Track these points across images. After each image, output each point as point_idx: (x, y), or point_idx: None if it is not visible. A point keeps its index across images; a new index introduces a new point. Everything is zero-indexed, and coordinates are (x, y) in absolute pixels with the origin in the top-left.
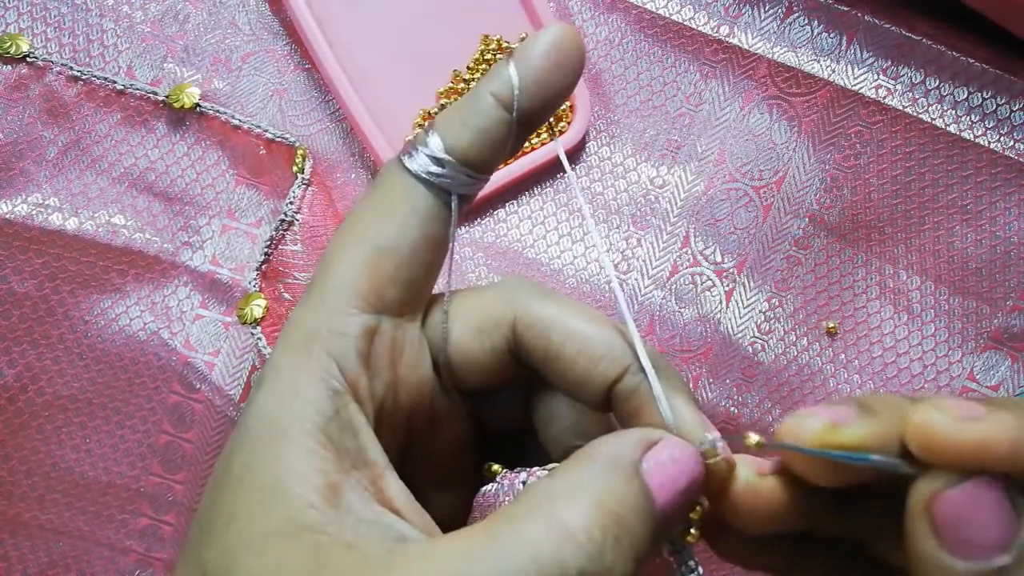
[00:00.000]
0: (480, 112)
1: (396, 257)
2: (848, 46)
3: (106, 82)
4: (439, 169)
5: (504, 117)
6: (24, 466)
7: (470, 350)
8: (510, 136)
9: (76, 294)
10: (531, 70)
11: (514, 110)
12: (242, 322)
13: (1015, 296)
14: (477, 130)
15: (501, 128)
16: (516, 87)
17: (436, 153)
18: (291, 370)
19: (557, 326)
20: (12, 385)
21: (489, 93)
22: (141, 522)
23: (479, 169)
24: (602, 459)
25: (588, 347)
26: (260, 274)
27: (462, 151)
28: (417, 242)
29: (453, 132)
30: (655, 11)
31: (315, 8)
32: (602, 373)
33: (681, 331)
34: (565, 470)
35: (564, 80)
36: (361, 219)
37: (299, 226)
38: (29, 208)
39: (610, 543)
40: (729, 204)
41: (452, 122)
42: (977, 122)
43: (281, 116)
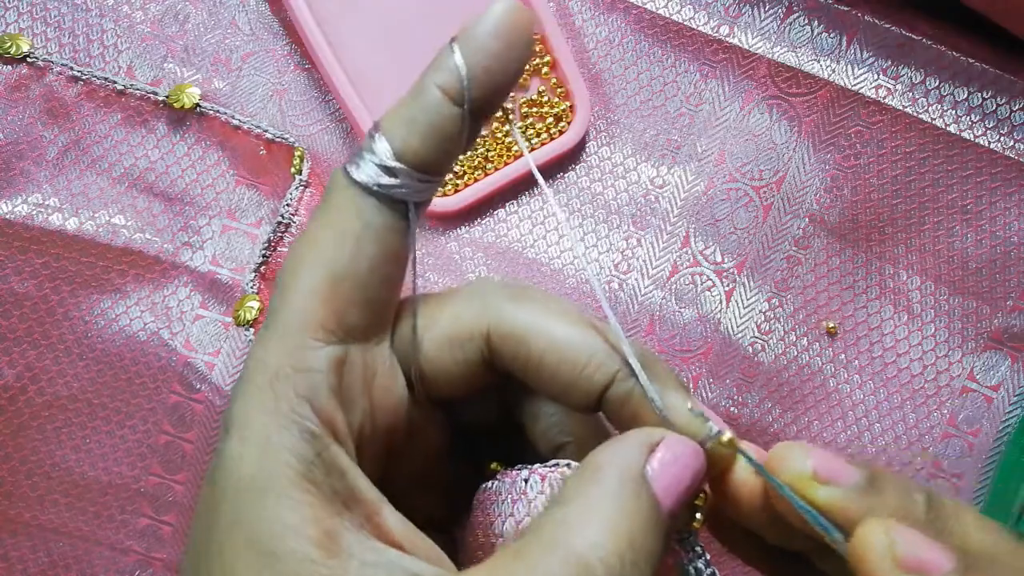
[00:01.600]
0: (428, 109)
1: (354, 280)
2: (848, 46)
3: (106, 82)
4: (390, 180)
5: (454, 112)
6: (24, 466)
7: (442, 363)
8: (463, 131)
9: (76, 294)
10: (478, 55)
11: (465, 102)
12: (237, 324)
13: (1015, 296)
14: (427, 130)
15: (452, 124)
16: (464, 77)
17: (385, 160)
18: (260, 416)
19: (535, 334)
20: (12, 385)
21: (435, 86)
22: (141, 522)
23: (433, 172)
24: (608, 477)
25: (570, 354)
26: (259, 276)
27: (413, 155)
28: (374, 261)
29: (401, 134)
30: (655, 11)
31: (315, 8)
32: (589, 380)
33: (681, 331)
34: (572, 494)
35: (515, 62)
36: (312, 242)
37: (296, 228)
38: (29, 208)
39: (628, 569)
40: (729, 204)
41: (398, 122)
42: (977, 122)
43: (281, 116)
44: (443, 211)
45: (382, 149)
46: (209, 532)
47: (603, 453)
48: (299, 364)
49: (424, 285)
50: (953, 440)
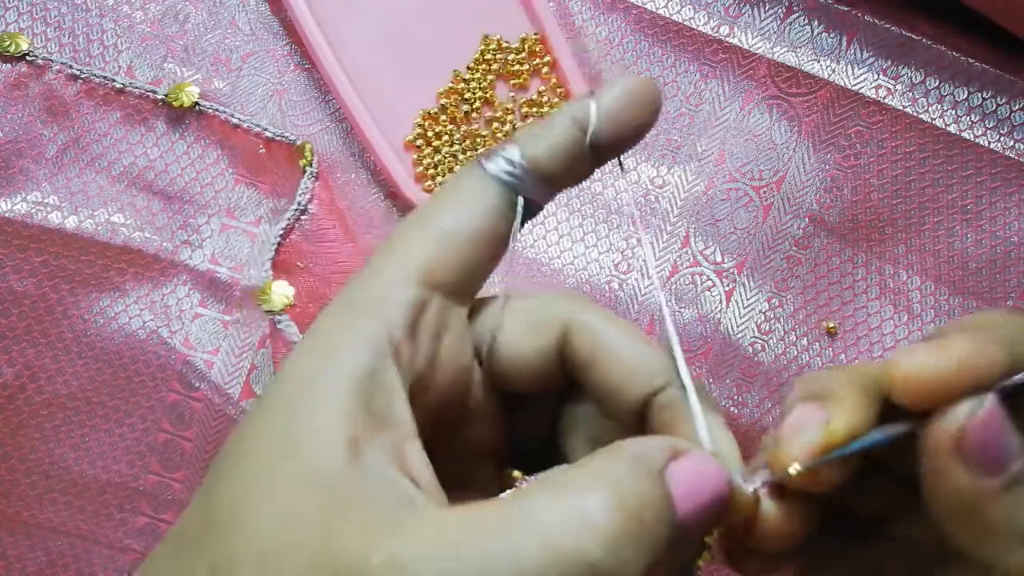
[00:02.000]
0: (556, 129)
1: (457, 241)
2: (848, 46)
3: (105, 80)
4: (512, 170)
5: (578, 138)
6: (23, 465)
7: (520, 346)
8: (582, 156)
9: (75, 293)
10: (608, 104)
11: (588, 133)
12: (268, 312)
13: (1015, 296)
14: (551, 143)
15: (574, 146)
16: (593, 116)
17: (512, 157)
18: (336, 327)
19: (605, 333)
20: (11, 384)
21: (568, 115)
22: (140, 520)
23: (550, 180)
24: (628, 457)
25: (631, 357)
26: (272, 263)
27: (535, 159)
28: (479, 232)
29: (530, 142)
30: (655, 11)
31: (315, 8)
32: (640, 383)
33: (681, 331)
34: (588, 462)
35: (638, 120)
36: (430, 206)
37: (309, 216)
38: (28, 206)
39: (629, 539)
40: (729, 204)
41: (530, 134)
42: (977, 122)
43: (281, 116)
44: None
45: (511, 149)
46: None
47: (627, 442)
48: (386, 294)
49: None
50: None
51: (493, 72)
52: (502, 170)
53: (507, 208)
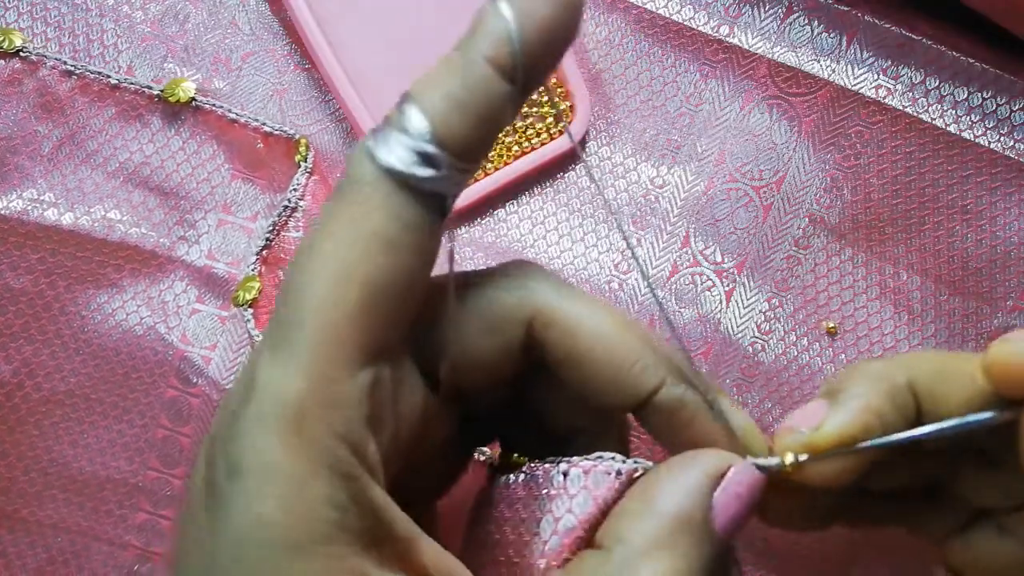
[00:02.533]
0: (475, 85)
1: (395, 294)
2: (848, 46)
3: (100, 76)
4: (428, 170)
5: (505, 90)
6: (22, 462)
7: (478, 350)
8: (510, 110)
9: (72, 289)
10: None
11: (518, 78)
12: (235, 304)
13: (1015, 296)
14: (473, 110)
15: (502, 103)
16: (516, 44)
17: (422, 145)
18: (285, 460)
19: (584, 327)
20: (9, 381)
21: (484, 59)
22: (140, 517)
23: (474, 159)
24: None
25: (621, 351)
26: (260, 259)
27: (455, 138)
28: (412, 265)
29: (441, 112)
30: (655, 11)
31: (315, 8)
32: (635, 381)
33: (681, 331)
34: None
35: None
36: (336, 245)
37: (302, 213)
38: (24, 203)
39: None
40: (729, 204)
41: (437, 98)
42: (977, 122)
43: (281, 116)
44: None
45: (417, 128)
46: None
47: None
48: (332, 398)
49: None
50: None
51: None
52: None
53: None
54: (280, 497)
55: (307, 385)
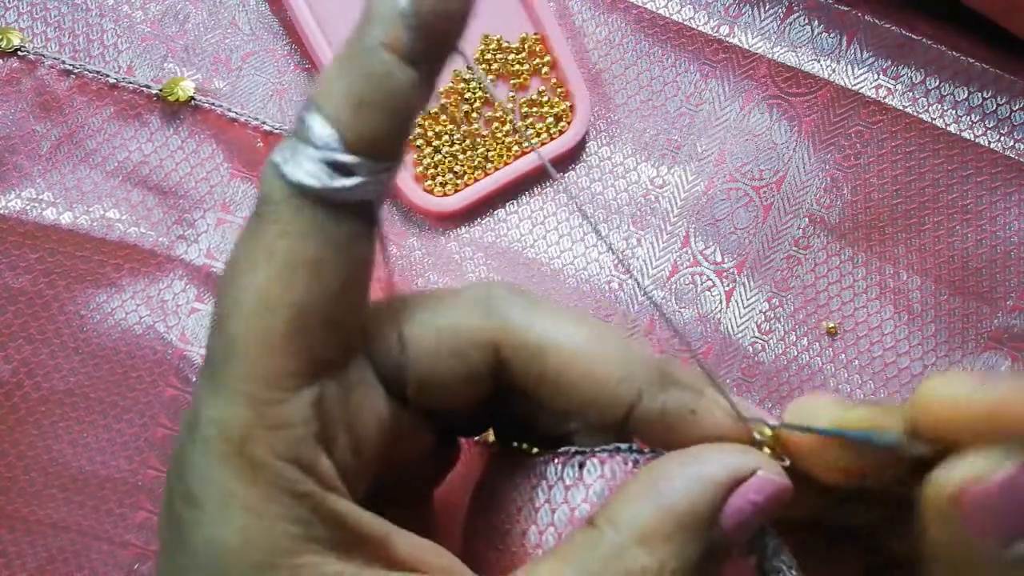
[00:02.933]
0: (375, 76)
1: (323, 314)
2: (848, 46)
3: (99, 75)
4: (346, 180)
5: (408, 76)
6: (21, 462)
7: (440, 375)
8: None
9: (71, 289)
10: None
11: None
12: None
13: (1015, 296)
14: (379, 104)
15: (408, 89)
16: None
17: (333, 155)
18: (238, 487)
19: (554, 347)
20: (8, 381)
21: (381, 45)
22: (139, 516)
23: (392, 155)
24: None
25: (592, 372)
26: None
27: (367, 141)
28: (344, 285)
29: (346, 116)
30: (655, 11)
31: (315, 8)
32: (611, 400)
33: (681, 331)
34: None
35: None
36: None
37: None
38: (23, 203)
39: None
40: (729, 204)
41: (340, 101)
42: (977, 122)
43: (281, 116)
44: (443, 211)
45: (324, 138)
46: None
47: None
48: (272, 422)
49: (424, 285)
50: None
51: (493, 72)
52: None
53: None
54: (236, 522)
55: (245, 411)
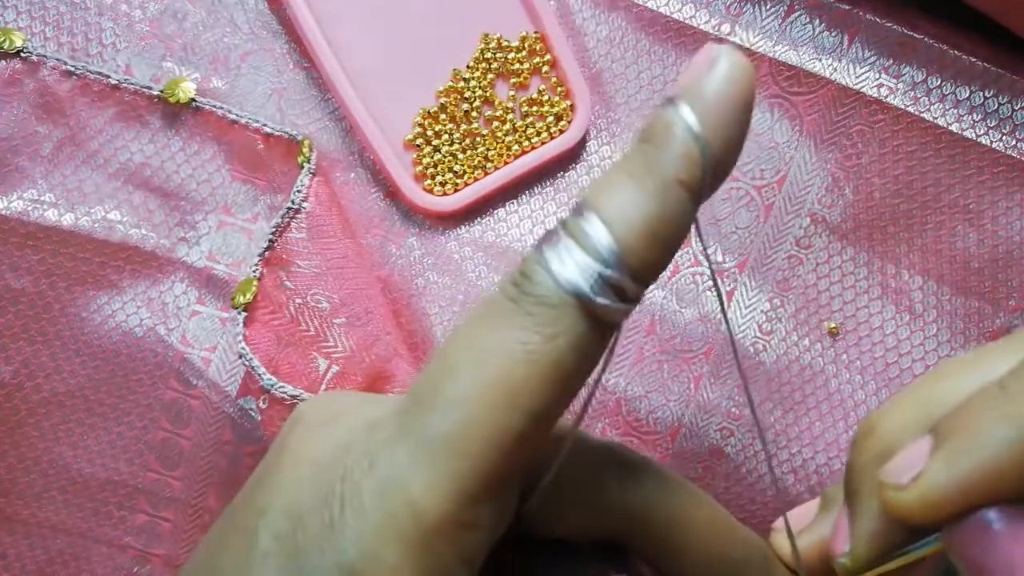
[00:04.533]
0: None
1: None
2: (850, 45)
3: (100, 77)
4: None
5: (691, 210)
6: (21, 463)
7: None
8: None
9: (72, 290)
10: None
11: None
12: (233, 306)
13: (1017, 296)
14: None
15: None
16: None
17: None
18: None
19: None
20: (8, 382)
21: (679, 182)
22: (139, 518)
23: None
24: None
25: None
26: (262, 261)
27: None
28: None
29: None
30: (656, 10)
31: (314, 7)
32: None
33: (682, 331)
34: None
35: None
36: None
37: (305, 215)
38: (25, 204)
39: None
40: (730, 203)
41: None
42: (979, 121)
43: (280, 115)
44: (442, 210)
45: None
46: None
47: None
48: (468, 521)
49: (424, 284)
50: None
51: (493, 71)
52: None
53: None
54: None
55: (456, 504)
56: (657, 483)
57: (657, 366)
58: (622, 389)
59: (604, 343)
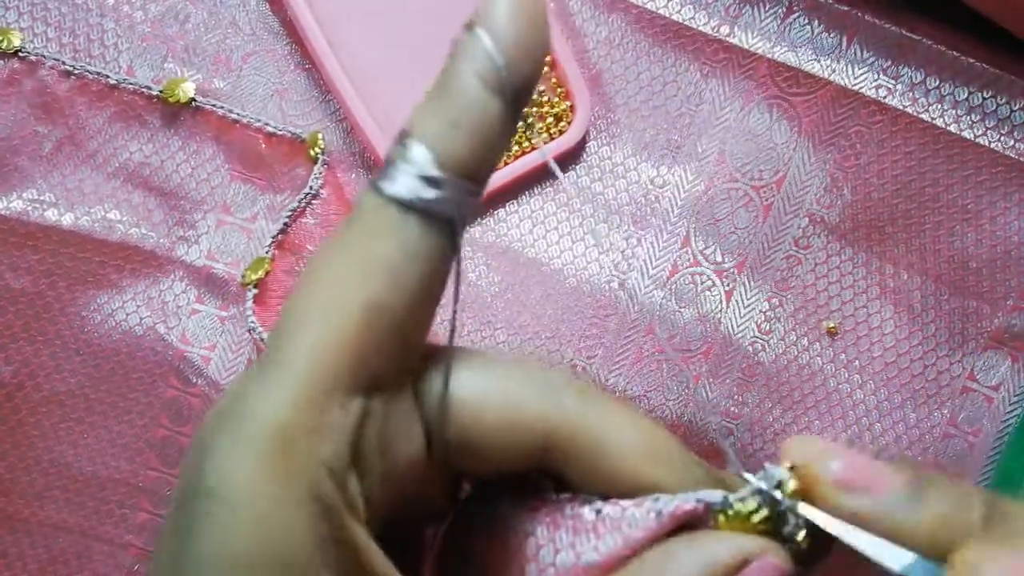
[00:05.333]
0: (469, 104)
1: (392, 319)
2: (848, 46)
3: (99, 76)
4: (434, 192)
5: (497, 106)
6: (22, 463)
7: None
8: (508, 127)
9: (72, 290)
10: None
11: (508, 92)
12: (242, 283)
13: (1015, 296)
14: (471, 129)
15: (497, 120)
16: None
17: (426, 170)
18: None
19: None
20: (9, 382)
21: (474, 75)
22: (140, 517)
23: (479, 179)
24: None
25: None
26: (275, 243)
27: (458, 161)
28: (416, 294)
29: (440, 138)
30: (655, 11)
31: (315, 8)
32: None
33: (681, 331)
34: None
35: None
36: (337, 270)
37: (320, 202)
38: (24, 204)
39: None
40: (729, 204)
41: (435, 124)
42: (977, 122)
43: (282, 116)
44: None
45: (420, 156)
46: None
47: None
48: (318, 422)
49: None
50: (953, 440)
51: None
52: (417, 195)
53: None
54: (254, 521)
55: (296, 410)
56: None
57: (656, 365)
58: (621, 388)
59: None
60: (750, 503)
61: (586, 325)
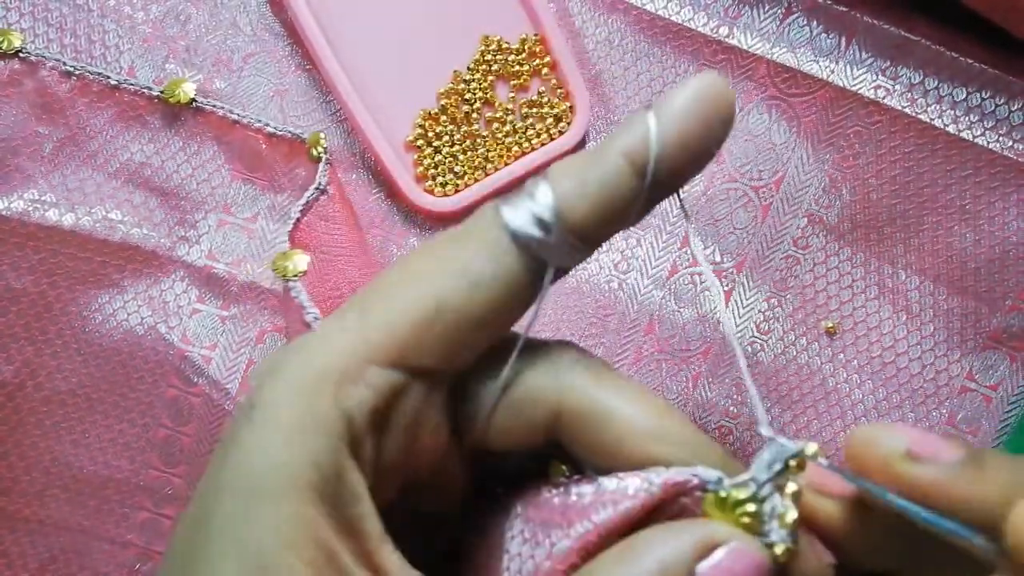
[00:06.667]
0: (604, 173)
1: (456, 321)
2: (847, 46)
3: (100, 77)
4: (541, 234)
5: (633, 184)
6: (23, 462)
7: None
8: (635, 206)
9: (73, 290)
10: (674, 127)
11: (647, 176)
12: (280, 276)
13: (1014, 296)
14: (597, 194)
15: (626, 195)
16: (653, 148)
17: (542, 212)
18: (293, 413)
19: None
20: (10, 381)
21: (620, 152)
22: (141, 516)
23: (589, 241)
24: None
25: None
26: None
27: (573, 216)
28: (486, 310)
29: (568, 190)
30: (654, 12)
31: (316, 9)
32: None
33: (680, 331)
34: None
35: (712, 140)
36: (433, 260)
37: (327, 198)
38: (25, 204)
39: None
40: (728, 204)
41: (568, 176)
42: (976, 122)
43: (282, 116)
44: (443, 211)
45: (543, 197)
46: (203, 519)
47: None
48: (356, 375)
49: None
50: None
51: (493, 73)
52: (527, 231)
53: (527, 276)
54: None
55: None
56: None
57: (656, 365)
58: None
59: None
60: (743, 491)
61: (586, 325)
